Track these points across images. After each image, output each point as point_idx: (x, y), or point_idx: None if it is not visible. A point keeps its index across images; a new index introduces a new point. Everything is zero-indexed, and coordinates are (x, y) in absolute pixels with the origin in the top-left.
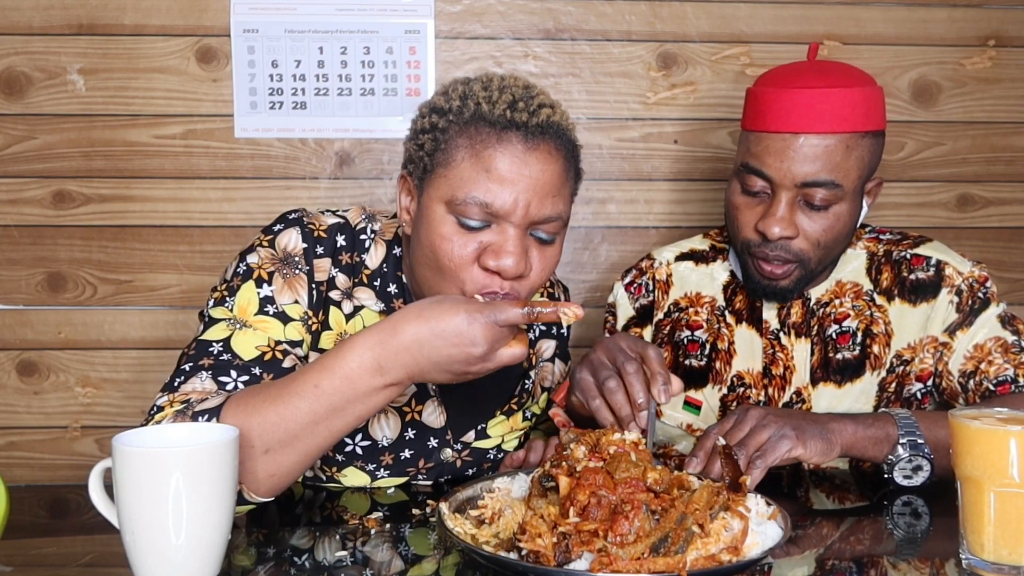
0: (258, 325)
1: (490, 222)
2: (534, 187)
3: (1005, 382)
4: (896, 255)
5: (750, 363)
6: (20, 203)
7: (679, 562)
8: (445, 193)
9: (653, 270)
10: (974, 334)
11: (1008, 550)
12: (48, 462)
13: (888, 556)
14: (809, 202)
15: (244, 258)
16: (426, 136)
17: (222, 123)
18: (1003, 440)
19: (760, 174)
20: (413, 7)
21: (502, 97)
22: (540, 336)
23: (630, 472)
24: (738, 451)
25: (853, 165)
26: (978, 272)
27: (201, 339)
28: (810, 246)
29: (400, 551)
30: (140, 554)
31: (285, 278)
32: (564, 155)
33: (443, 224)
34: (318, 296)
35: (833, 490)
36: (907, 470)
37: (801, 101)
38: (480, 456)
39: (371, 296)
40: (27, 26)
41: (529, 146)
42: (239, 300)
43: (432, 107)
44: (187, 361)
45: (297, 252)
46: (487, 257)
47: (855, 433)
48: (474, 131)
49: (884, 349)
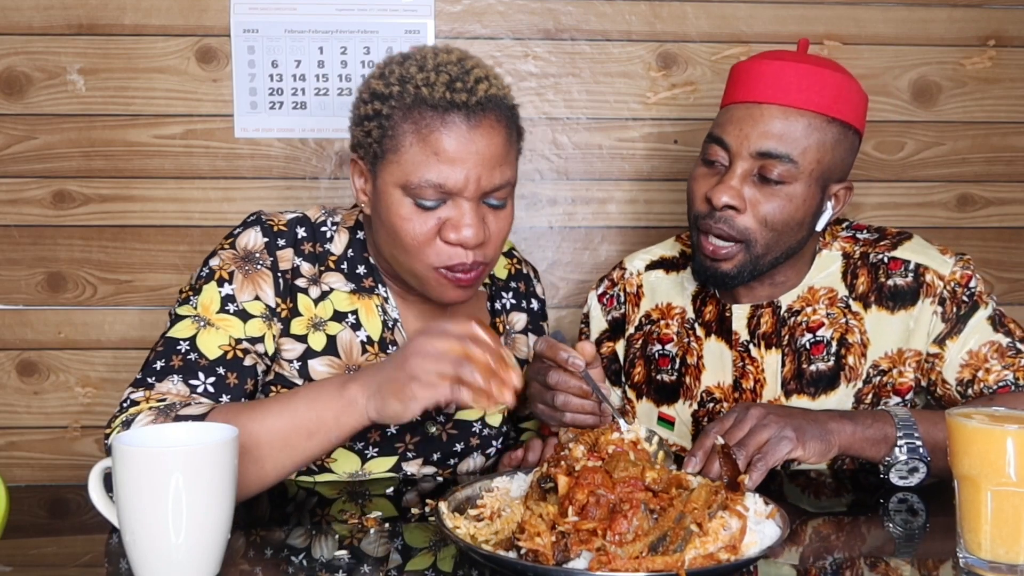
0: (220, 323)
1: (445, 199)
2: (482, 161)
3: (1005, 386)
4: (873, 258)
5: (720, 377)
6: (20, 203)
7: (677, 561)
8: (399, 178)
9: (624, 281)
10: (965, 340)
11: (1005, 549)
12: (48, 462)
13: (886, 555)
14: (764, 175)
15: (207, 262)
16: (371, 123)
17: (222, 123)
18: (1000, 439)
19: (720, 142)
20: (413, 7)
21: (439, 79)
22: (511, 309)
23: (629, 471)
24: (738, 451)
25: (812, 146)
26: (960, 272)
27: (168, 336)
28: (756, 224)
29: (399, 550)
30: (140, 554)
31: (246, 275)
32: (506, 123)
33: (401, 206)
34: (285, 284)
35: (831, 489)
36: (903, 471)
37: (769, 71)
38: (466, 430)
39: (340, 278)
40: (27, 26)
41: (472, 124)
42: (202, 299)
43: (373, 93)
44: (157, 358)
45: (258, 248)
46: (447, 231)
47: (854, 434)
48: (418, 115)
49: (860, 360)
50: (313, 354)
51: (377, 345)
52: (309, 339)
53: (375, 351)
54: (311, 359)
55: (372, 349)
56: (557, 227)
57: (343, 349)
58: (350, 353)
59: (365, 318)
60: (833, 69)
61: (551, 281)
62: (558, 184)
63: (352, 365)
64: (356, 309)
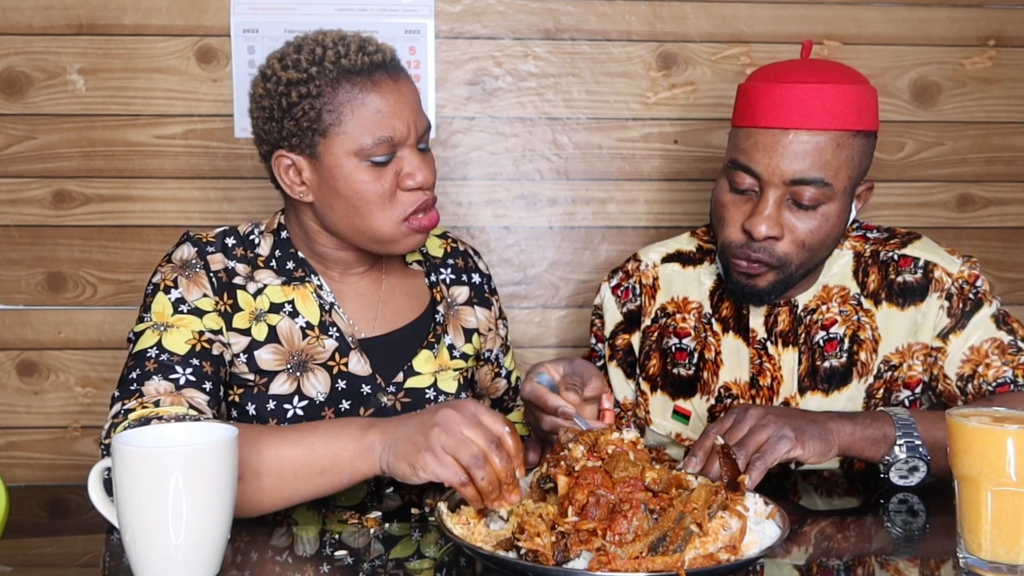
0: (178, 323)
1: (393, 152)
2: (412, 109)
3: (1004, 383)
4: (883, 256)
5: (737, 373)
6: (20, 203)
7: (677, 561)
8: (350, 146)
9: (639, 273)
10: (968, 336)
11: (1005, 549)
12: (48, 462)
13: (886, 555)
14: (797, 201)
15: (150, 282)
16: (299, 108)
17: (222, 123)
18: (1000, 439)
19: (749, 170)
20: (413, 7)
21: (349, 49)
22: (450, 283)
23: (628, 471)
24: (737, 451)
25: (843, 164)
26: (968, 271)
27: (135, 352)
28: (795, 248)
29: (399, 550)
30: (140, 554)
31: (188, 278)
32: (409, 75)
33: (358, 171)
34: (219, 283)
35: (831, 489)
36: (903, 470)
37: (792, 96)
38: (419, 397)
39: (270, 274)
40: (27, 26)
41: (394, 78)
42: (154, 309)
43: (287, 83)
44: (130, 371)
45: (191, 256)
46: (405, 180)
47: (853, 434)
48: (348, 84)
49: (871, 355)
50: (257, 344)
51: (318, 328)
52: (253, 331)
53: (316, 334)
54: (256, 350)
55: (313, 332)
56: (557, 227)
57: (284, 336)
58: (291, 339)
59: (302, 306)
60: (850, 80)
61: (551, 281)
62: (558, 184)
63: (295, 351)
64: (292, 299)
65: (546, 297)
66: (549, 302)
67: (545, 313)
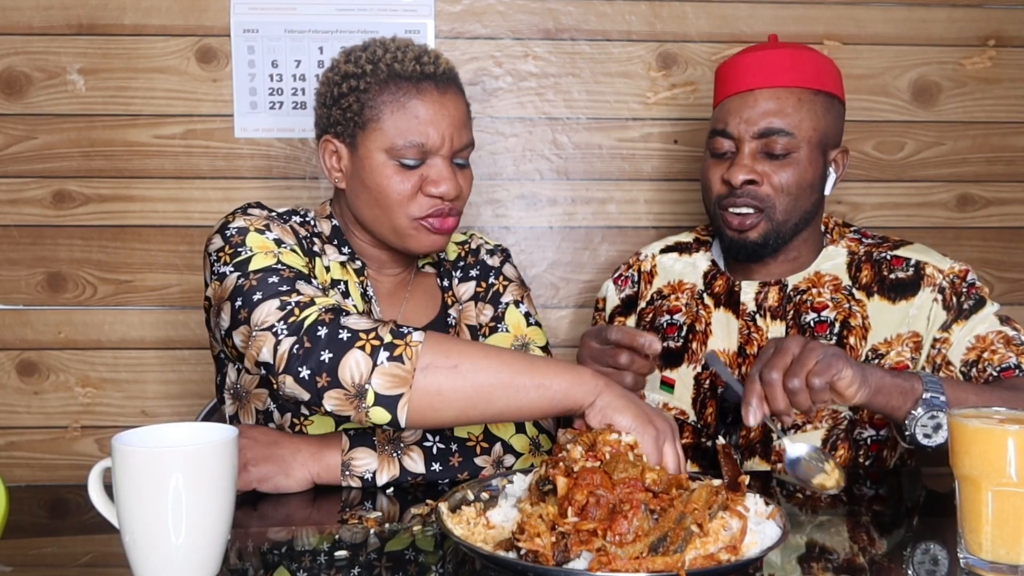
0: (285, 253)
1: (424, 159)
2: (453, 123)
3: (1008, 368)
4: (877, 255)
5: (726, 343)
6: (20, 203)
7: (678, 561)
8: (383, 143)
9: (639, 262)
10: (974, 327)
11: (1006, 549)
12: (48, 462)
13: (886, 555)
14: (770, 152)
15: (225, 228)
16: (348, 99)
17: (222, 123)
18: (1001, 439)
19: (724, 133)
20: (413, 7)
21: (407, 56)
22: (459, 282)
23: (628, 472)
24: (790, 380)
25: (805, 116)
26: (958, 267)
27: (258, 269)
28: (774, 192)
29: (399, 550)
30: (140, 554)
31: (279, 226)
32: (463, 93)
33: (386, 167)
34: (303, 245)
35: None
36: (928, 428)
37: (754, 62)
38: None
39: (334, 251)
40: (27, 26)
41: (441, 90)
42: (251, 243)
43: (345, 75)
44: (268, 276)
45: (272, 216)
46: (428, 187)
47: (884, 377)
48: (394, 87)
49: (860, 341)
50: None
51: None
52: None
53: None
54: None
55: None
56: (557, 227)
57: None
58: None
59: (352, 290)
60: (808, 50)
61: (551, 281)
62: (558, 184)
63: None
64: (346, 280)
65: (546, 297)
66: (549, 302)
67: (545, 313)
